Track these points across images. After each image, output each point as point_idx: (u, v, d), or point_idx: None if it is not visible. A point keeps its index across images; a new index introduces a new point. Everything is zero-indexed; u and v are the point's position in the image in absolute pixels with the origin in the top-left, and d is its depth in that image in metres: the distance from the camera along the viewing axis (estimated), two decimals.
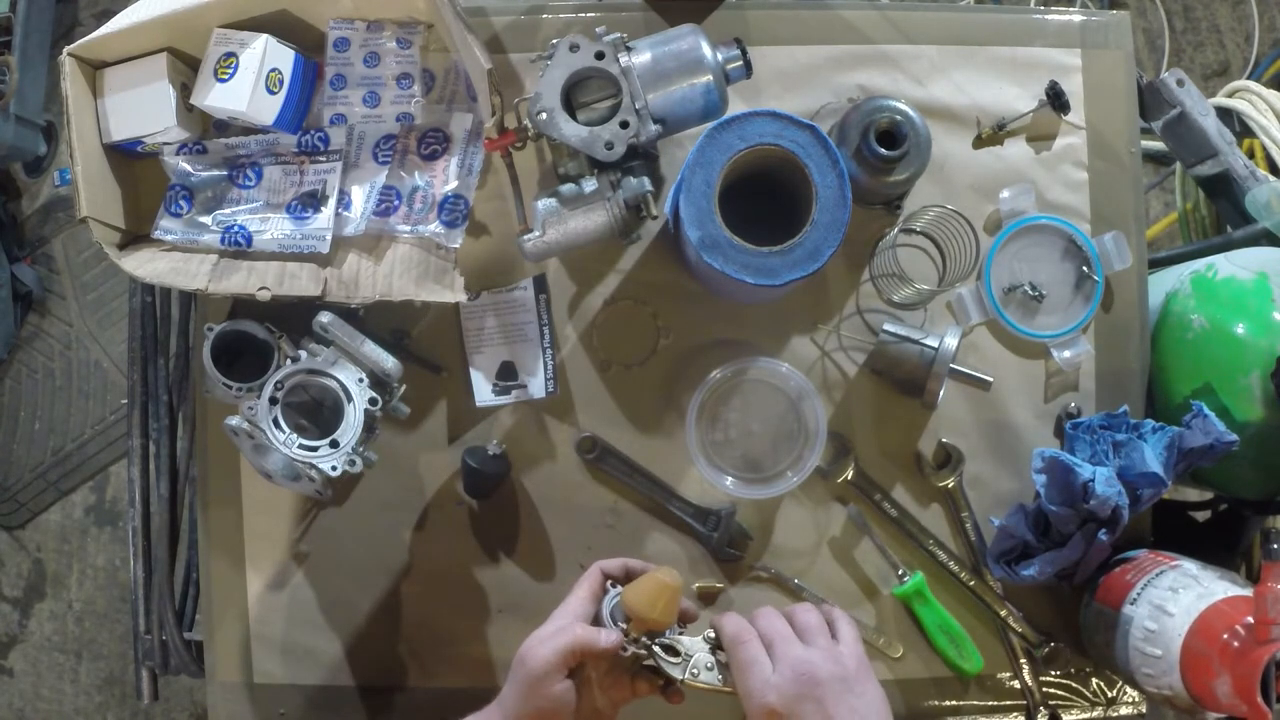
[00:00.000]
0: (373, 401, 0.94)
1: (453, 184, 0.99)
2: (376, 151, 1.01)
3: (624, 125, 0.89)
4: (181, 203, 1.00)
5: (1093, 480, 0.92)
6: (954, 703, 1.05)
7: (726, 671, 0.79)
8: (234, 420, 0.91)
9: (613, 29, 0.90)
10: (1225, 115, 1.22)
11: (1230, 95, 1.26)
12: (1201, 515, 1.16)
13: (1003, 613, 1.04)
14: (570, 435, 1.06)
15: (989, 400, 1.05)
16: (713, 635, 0.81)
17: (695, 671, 0.79)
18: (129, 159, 1.02)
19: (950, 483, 1.04)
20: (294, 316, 1.00)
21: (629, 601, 0.79)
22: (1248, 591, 0.86)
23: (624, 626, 0.80)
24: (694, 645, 0.80)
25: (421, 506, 1.06)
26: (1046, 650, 1.04)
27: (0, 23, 2.12)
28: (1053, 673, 1.05)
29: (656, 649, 0.79)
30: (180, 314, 1.13)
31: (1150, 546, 1.01)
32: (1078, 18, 1.09)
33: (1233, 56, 2.18)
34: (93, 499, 2.20)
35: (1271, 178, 1.12)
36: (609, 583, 0.84)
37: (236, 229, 0.98)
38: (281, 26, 0.99)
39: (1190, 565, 0.92)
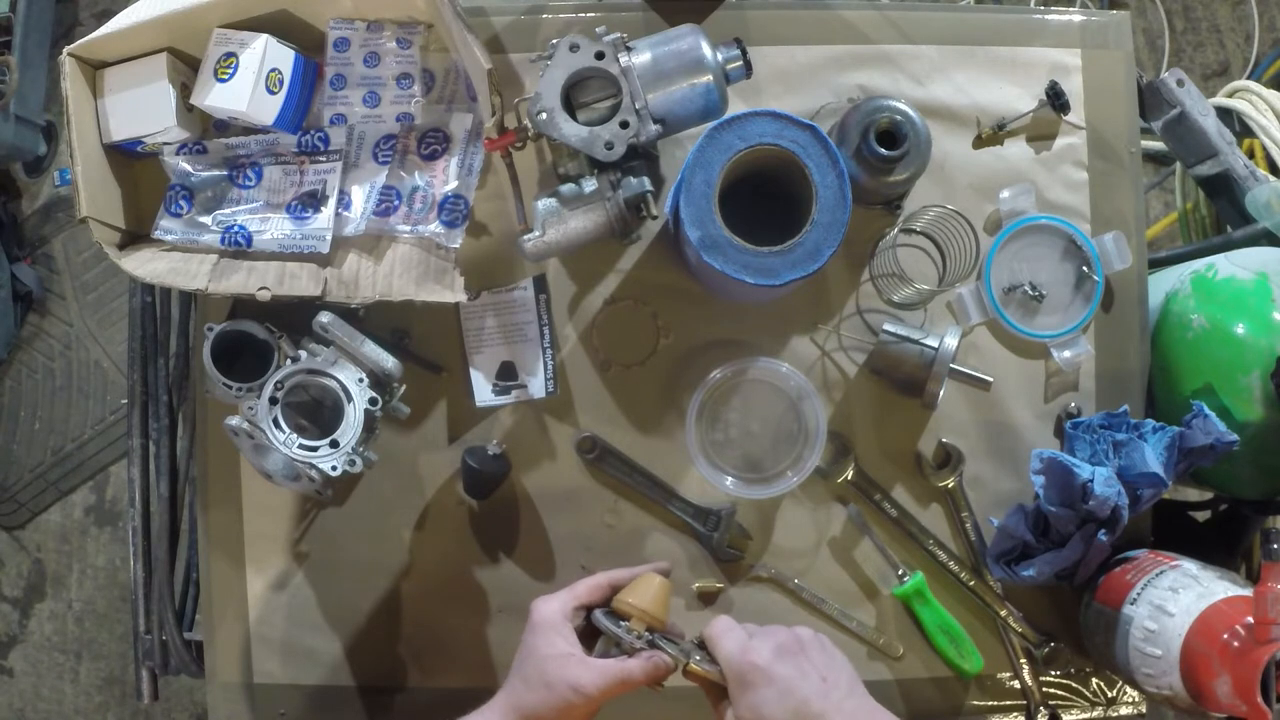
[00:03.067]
0: (373, 401, 0.94)
1: (453, 184, 0.99)
2: (376, 151, 1.01)
3: (624, 125, 0.89)
4: (181, 203, 1.00)
5: (1091, 480, 0.92)
6: (954, 703, 1.05)
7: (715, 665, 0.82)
8: (234, 420, 0.91)
9: (613, 29, 0.90)
10: (1225, 115, 1.22)
11: (1230, 95, 1.26)
12: (1201, 515, 1.16)
13: (1003, 613, 1.04)
14: (570, 435, 1.06)
15: (989, 400, 1.05)
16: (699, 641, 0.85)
17: (697, 658, 0.82)
18: (129, 159, 1.02)
19: (950, 483, 1.04)
20: (294, 316, 1.00)
21: (637, 604, 0.84)
22: (1248, 591, 0.86)
23: (626, 624, 0.83)
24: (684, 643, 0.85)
25: (421, 506, 1.06)
26: (1046, 650, 1.04)
27: (0, 23, 2.12)
28: (1053, 673, 1.05)
29: (660, 642, 0.83)
30: (180, 314, 1.13)
31: (1150, 546, 1.01)
32: (1078, 18, 1.09)
33: (1233, 56, 2.18)
34: (93, 499, 2.20)
35: (1271, 178, 1.12)
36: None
37: (236, 229, 0.98)
38: (281, 26, 0.99)
39: (1190, 565, 0.92)
